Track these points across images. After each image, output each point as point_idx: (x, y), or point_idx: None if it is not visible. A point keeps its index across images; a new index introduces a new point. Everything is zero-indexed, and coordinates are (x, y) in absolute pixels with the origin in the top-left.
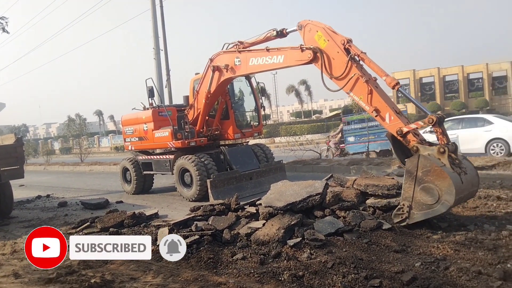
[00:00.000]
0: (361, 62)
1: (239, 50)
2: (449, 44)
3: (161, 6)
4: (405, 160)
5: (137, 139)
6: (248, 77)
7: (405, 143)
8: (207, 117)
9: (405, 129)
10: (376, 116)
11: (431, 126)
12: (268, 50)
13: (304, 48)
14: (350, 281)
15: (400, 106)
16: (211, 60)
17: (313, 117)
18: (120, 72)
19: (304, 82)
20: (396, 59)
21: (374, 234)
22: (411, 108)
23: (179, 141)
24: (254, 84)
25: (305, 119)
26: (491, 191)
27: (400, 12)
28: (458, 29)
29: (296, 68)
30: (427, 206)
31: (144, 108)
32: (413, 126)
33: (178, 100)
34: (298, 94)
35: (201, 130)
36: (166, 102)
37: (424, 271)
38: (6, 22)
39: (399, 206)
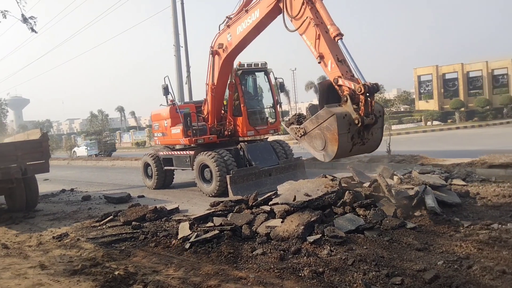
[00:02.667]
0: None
1: (227, 24)
2: (473, 40)
3: (182, 3)
4: (325, 105)
5: (161, 134)
6: (266, 73)
7: (340, 91)
8: (223, 112)
9: (340, 81)
10: (319, 62)
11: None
12: (247, 11)
13: None
14: (371, 279)
15: (422, 103)
16: (211, 47)
17: None
18: (142, 69)
19: (323, 78)
20: (418, 54)
21: (396, 232)
22: (433, 105)
23: (187, 138)
24: (272, 80)
25: None
26: None
27: (424, 6)
28: (484, 24)
29: (314, 64)
30: (312, 146)
31: (168, 105)
32: (347, 84)
33: (199, 96)
34: (317, 91)
35: (214, 125)
36: (186, 99)
37: (446, 269)
38: (35, 22)
39: (299, 126)
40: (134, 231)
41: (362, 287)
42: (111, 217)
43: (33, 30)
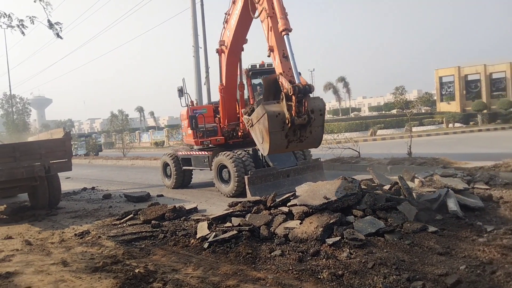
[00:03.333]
0: None
1: (225, 20)
2: (496, 40)
3: (202, 4)
4: (262, 102)
5: (184, 133)
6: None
7: (281, 87)
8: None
9: (280, 78)
10: (268, 55)
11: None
12: (234, 2)
13: None
14: (391, 282)
15: (443, 104)
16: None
17: (351, 114)
18: (162, 70)
19: (342, 79)
20: (441, 55)
21: (417, 236)
22: (455, 107)
23: (195, 139)
24: None
25: (343, 116)
26: None
27: (447, 6)
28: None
29: (334, 64)
30: (256, 138)
31: (183, 106)
32: (284, 82)
33: (218, 97)
34: (336, 92)
35: (224, 127)
36: (205, 100)
37: (469, 274)
38: (60, 28)
39: (249, 117)
40: (154, 229)
41: None
42: (131, 215)
43: (58, 36)
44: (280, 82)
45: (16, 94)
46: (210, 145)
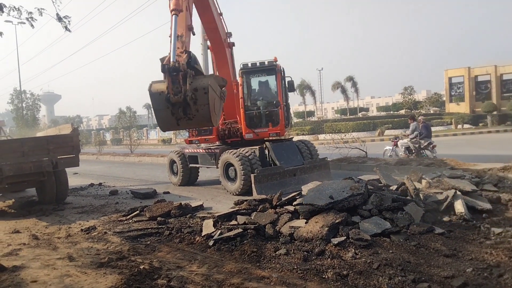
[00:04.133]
0: None
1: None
2: (508, 41)
3: None
4: (152, 81)
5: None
6: (274, 72)
7: None
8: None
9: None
10: (169, 35)
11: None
12: None
13: None
14: (396, 283)
15: (453, 105)
16: None
17: (359, 114)
18: None
19: (350, 79)
20: (450, 55)
21: (423, 237)
22: (464, 108)
23: (185, 139)
24: (281, 80)
25: (351, 116)
26: None
27: (457, 6)
28: None
29: (342, 64)
30: None
31: None
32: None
33: None
34: (344, 91)
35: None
36: None
37: (476, 277)
38: (69, 21)
39: None
40: (159, 226)
41: None
42: (137, 212)
43: (67, 29)
44: None
45: (27, 90)
46: (198, 145)
